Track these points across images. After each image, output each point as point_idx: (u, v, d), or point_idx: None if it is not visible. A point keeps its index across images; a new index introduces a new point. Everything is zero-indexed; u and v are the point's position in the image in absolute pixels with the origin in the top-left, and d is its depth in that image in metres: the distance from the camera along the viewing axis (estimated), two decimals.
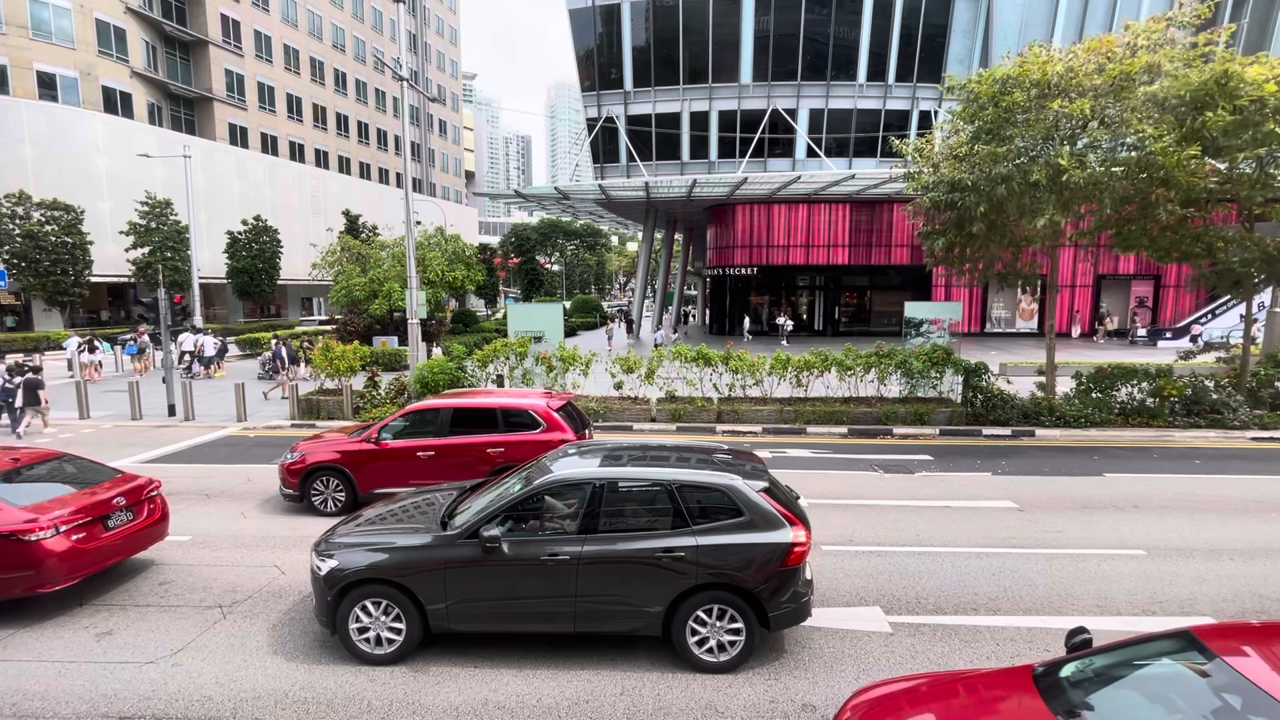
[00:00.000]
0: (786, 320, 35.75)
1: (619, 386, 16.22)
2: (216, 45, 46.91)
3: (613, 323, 38.11)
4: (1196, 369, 16.77)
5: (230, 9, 47.91)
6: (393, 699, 5.26)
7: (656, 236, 43.33)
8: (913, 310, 19.50)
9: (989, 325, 37.41)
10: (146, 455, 13.22)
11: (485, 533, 5.58)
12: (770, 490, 5.85)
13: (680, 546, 5.55)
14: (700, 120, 36.23)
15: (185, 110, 47.00)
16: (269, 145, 52.03)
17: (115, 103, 40.28)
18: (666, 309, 43.05)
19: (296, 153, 55.07)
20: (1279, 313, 17.30)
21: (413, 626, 5.70)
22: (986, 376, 15.25)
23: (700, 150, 36.74)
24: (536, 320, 17.75)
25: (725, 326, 39.16)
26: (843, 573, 7.47)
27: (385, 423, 9.97)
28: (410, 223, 18.05)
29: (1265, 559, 7.83)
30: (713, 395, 16.13)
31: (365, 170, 64.67)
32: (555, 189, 38.55)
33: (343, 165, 61.10)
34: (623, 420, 15.60)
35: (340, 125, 60.79)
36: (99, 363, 23.47)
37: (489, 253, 55.60)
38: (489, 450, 9.56)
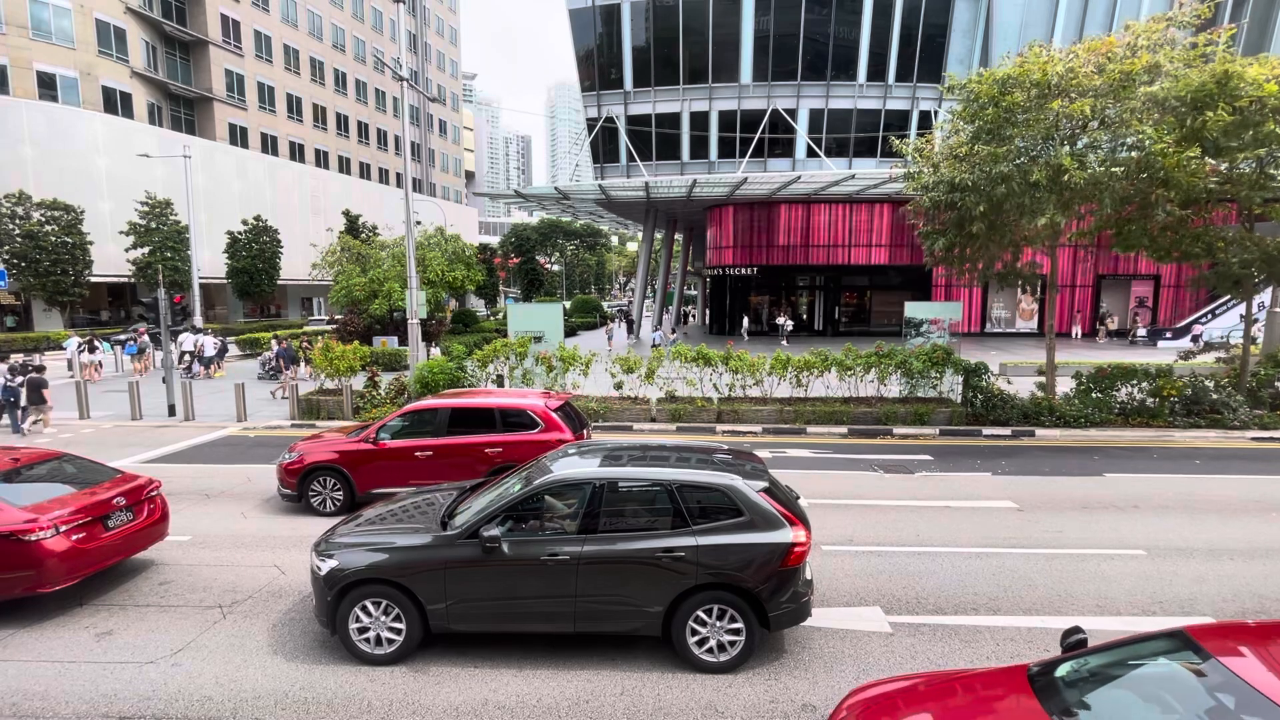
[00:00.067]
0: (786, 320, 35.75)
1: (619, 386, 16.22)
2: (216, 45, 46.92)
3: (613, 323, 38.10)
4: (1196, 369, 16.77)
5: (230, 9, 47.93)
6: (393, 699, 5.26)
7: (656, 236, 43.34)
8: (913, 310, 19.51)
9: (989, 325, 37.42)
10: (146, 455, 13.22)
11: (485, 533, 5.59)
12: (770, 490, 5.85)
13: (680, 546, 5.55)
14: (700, 120, 36.23)
15: (185, 110, 47.01)
16: (269, 145, 52.04)
17: (115, 103, 40.30)
18: (666, 309, 43.04)
19: (296, 153, 55.08)
20: (1279, 313, 17.30)
21: (413, 626, 5.70)
22: (986, 376, 15.25)
23: (700, 150, 36.74)
24: (536, 320, 17.76)
25: (725, 326, 39.16)
26: (843, 573, 7.47)
27: (383, 423, 9.96)
28: (410, 223, 18.05)
29: (1265, 559, 7.84)
30: (713, 395, 16.13)
31: (365, 170, 64.68)
32: (555, 189, 38.58)
33: (343, 165, 61.11)
34: (623, 420, 15.60)
35: (340, 125, 60.81)
36: (99, 363, 23.48)
37: (489, 253, 55.61)
38: (487, 450, 9.57)
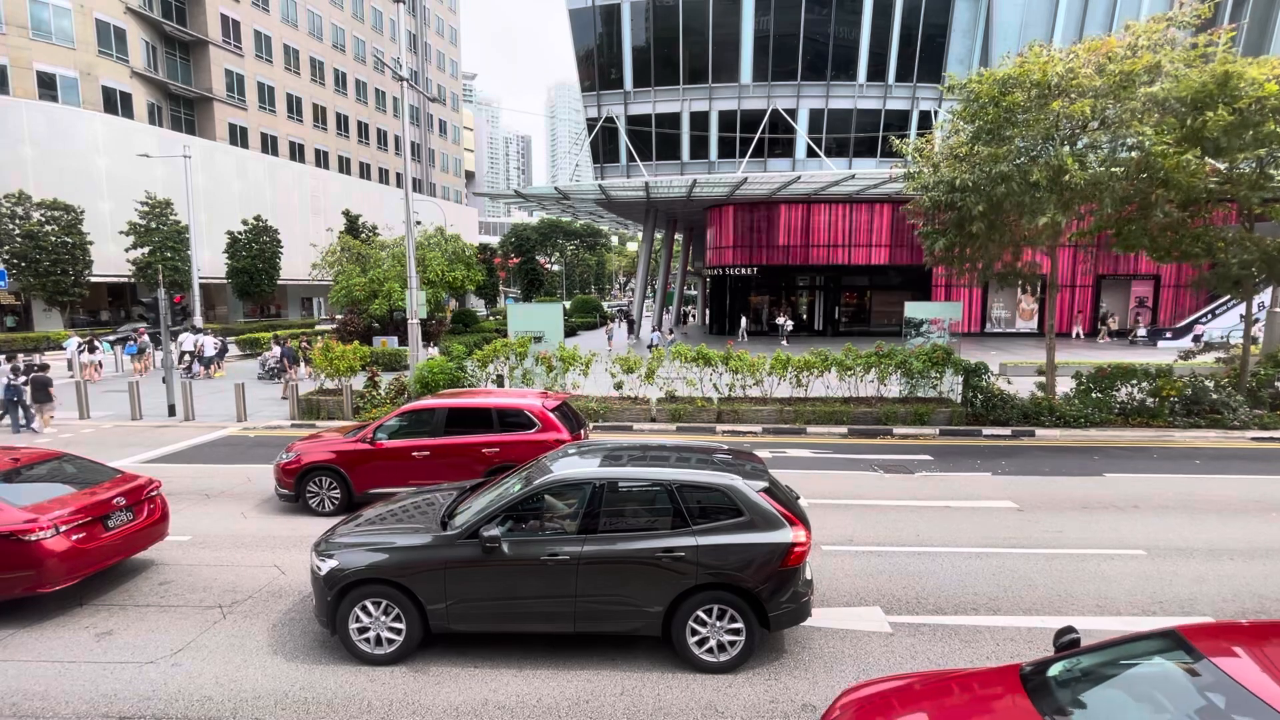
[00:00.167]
0: (786, 320, 35.73)
1: (619, 386, 16.22)
2: (216, 45, 46.91)
3: (613, 323, 38.09)
4: (1196, 369, 16.77)
5: (230, 9, 47.92)
6: (393, 699, 5.26)
7: (656, 236, 43.34)
8: (913, 310, 19.51)
9: (989, 325, 37.41)
10: (146, 455, 13.22)
11: (485, 533, 5.58)
12: (770, 490, 5.85)
13: (680, 546, 5.55)
14: (700, 120, 36.23)
15: (185, 110, 47.01)
16: (269, 145, 52.04)
17: (115, 103, 40.28)
18: (666, 309, 43.03)
19: (296, 153, 55.08)
20: (1279, 313, 17.30)
21: (413, 626, 5.70)
22: (986, 376, 15.25)
23: (700, 150, 36.74)
24: (536, 320, 17.76)
25: (725, 326, 39.15)
26: (843, 573, 7.47)
27: (381, 423, 9.96)
28: (410, 223, 18.05)
29: (1265, 559, 7.84)
30: (713, 395, 16.13)
31: (365, 170, 64.68)
32: (555, 189, 38.58)
33: (343, 165, 61.10)
34: (623, 420, 15.60)
35: (340, 125, 60.80)
36: (99, 363, 23.48)
37: (489, 253, 55.61)
38: (484, 450, 9.56)
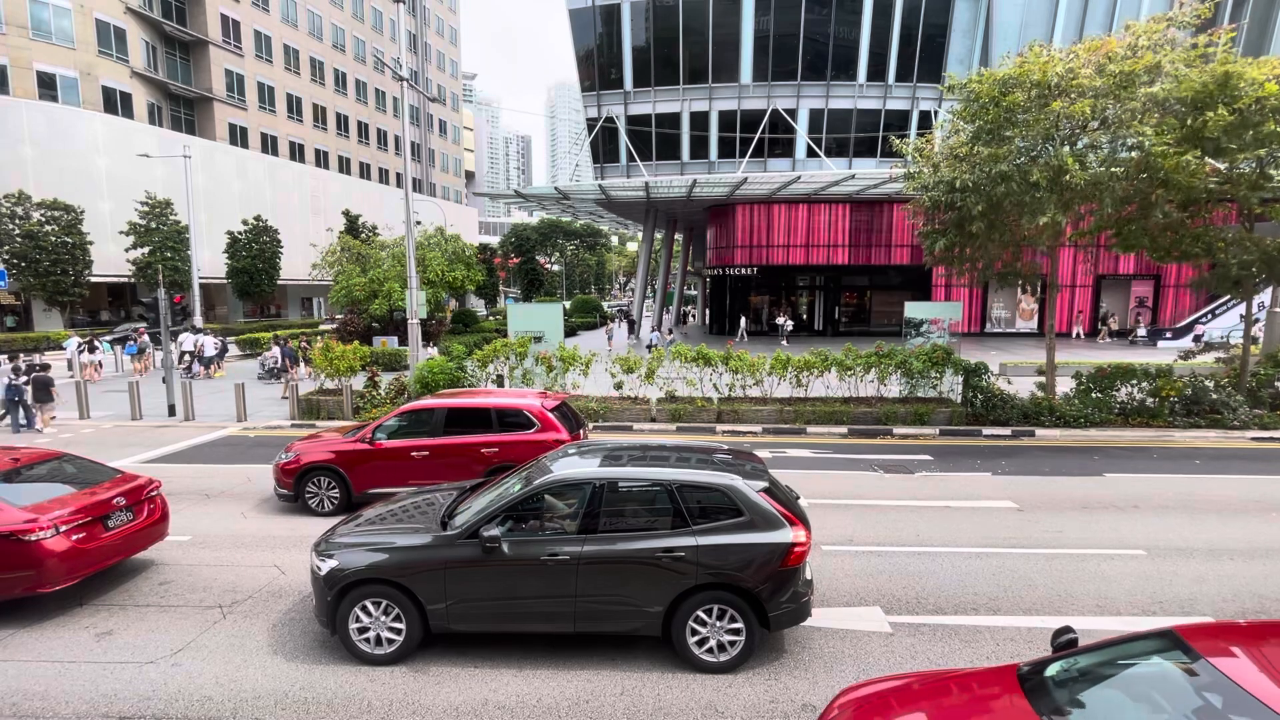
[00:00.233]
0: (786, 320, 35.72)
1: (619, 386, 16.22)
2: (216, 45, 46.91)
3: (613, 323, 38.10)
4: (1196, 369, 16.77)
5: (230, 9, 47.91)
6: (393, 699, 5.26)
7: (656, 236, 43.33)
8: (913, 310, 19.51)
9: (989, 325, 37.41)
10: (146, 455, 13.22)
11: (485, 533, 5.58)
12: (770, 490, 5.85)
13: (680, 546, 5.54)
14: (700, 120, 36.23)
15: (185, 110, 47.00)
16: (269, 145, 52.03)
17: (115, 103, 40.27)
18: (666, 309, 43.01)
19: (296, 153, 55.07)
20: (1279, 313, 17.30)
21: (413, 626, 5.70)
22: (986, 376, 15.25)
23: (700, 150, 36.74)
24: (536, 320, 17.76)
25: (725, 326, 39.15)
26: (843, 573, 7.47)
27: (380, 423, 9.96)
28: (410, 223, 18.05)
29: (1265, 559, 7.84)
30: (713, 395, 16.13)
31: (365, 170, 64.67)
32: (555, 189, 38.58)
33: (343, 165, 61.09)
34: (623, 420, 15.60)
35: (340, 125, 60.79)
36: (99, 363, 23.49)
37: (489, 253, 55.61)
38: (483, 450, 9.57)
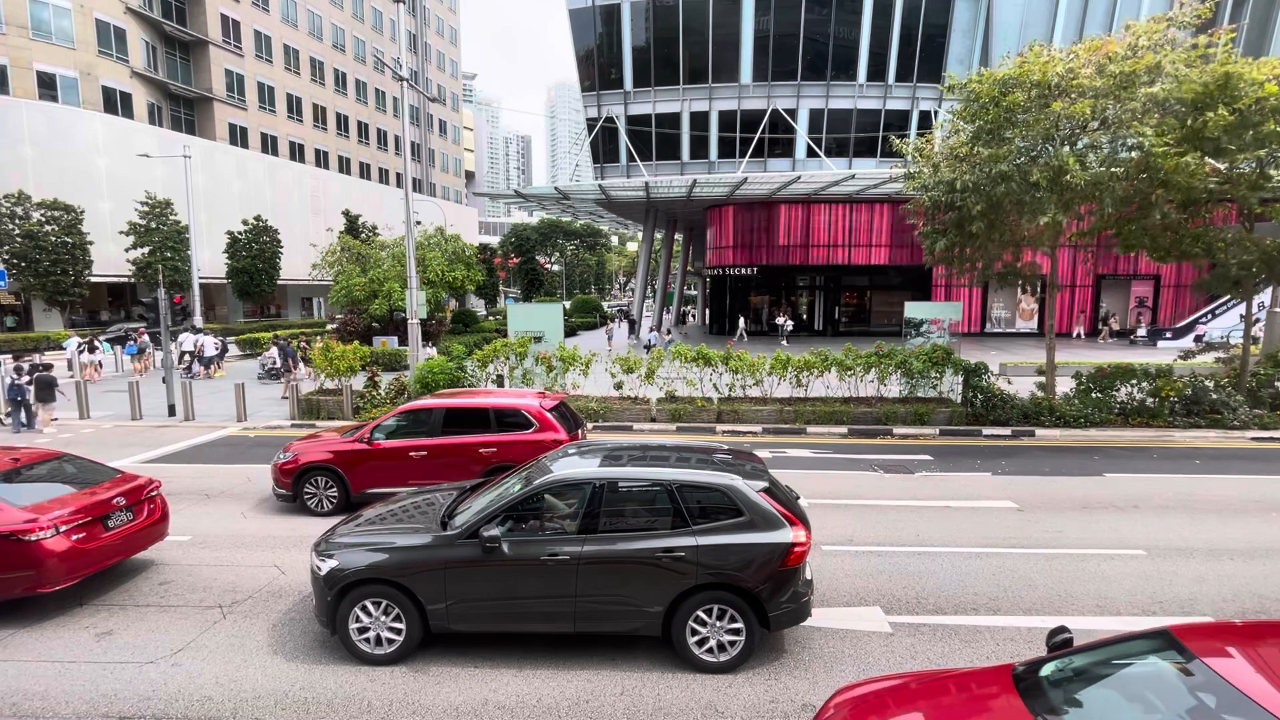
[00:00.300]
0: (786, 320, 35.72)
1: (619, 386, 16.22)
2: (216, 45, 46.90)
3: (613, 323, 38.11)
4: (1196, 369, 16.77)
5: (230, 9, 47.90)
6: (393, 699, 5.26)
7: (656, 236, 43.34)
8: (913, 310, 19.51)
9: (989, 325, 37.41)
10: (146, 455, 13.22)
11: (485, 533, 5.58)
12: (770, 490, 5.85)
13: (680, 546, 5.54)
14: (700, 120, 36.22)
15: (185, 110, 46.99)
16: (269, 145, 52.02)
17: (115, 103, 40.26)
18: (666, 309, 43.01)
19: (296, 153, 55.06)
20: (1279, 313, 17.31)
21: (413, 626, 5.70)
22: (986, 376, 15.25)
23: (700, 150, 36.74)
24: (536, 320, 17.75)
25: (725, 326, 39.14)
26: (843, 573, 7.47)
27: (378, 422, 9.96)
28: (410, 223, 18.05)
29: (1265, 559, 7.83)
30: (713, 395, 16.13)
31: (365, 170, 64.66)
32: (555, 189, 38.59)
33: (343, 165, 61.08)
34: (623, 420, 15.59)
35: (340, 125, 60.78)
36: (99, 363, 23.48)
37: (489, 253, 55.60)
38: (482, 450, 9.57)
